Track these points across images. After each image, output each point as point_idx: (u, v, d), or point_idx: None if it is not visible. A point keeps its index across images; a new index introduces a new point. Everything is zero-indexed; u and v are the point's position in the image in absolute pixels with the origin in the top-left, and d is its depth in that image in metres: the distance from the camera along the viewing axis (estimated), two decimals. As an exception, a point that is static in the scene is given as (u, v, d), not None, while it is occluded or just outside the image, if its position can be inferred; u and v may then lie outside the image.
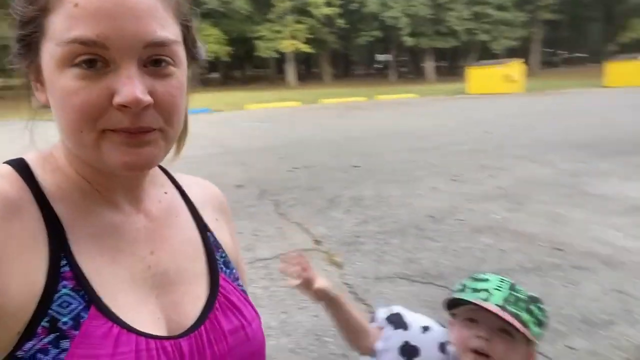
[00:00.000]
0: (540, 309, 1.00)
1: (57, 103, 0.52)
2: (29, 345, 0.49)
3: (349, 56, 54.44)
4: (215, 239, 0.70)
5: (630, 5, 36.27)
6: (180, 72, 0.56)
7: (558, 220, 4.55)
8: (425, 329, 1.13)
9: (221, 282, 0.66)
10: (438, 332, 1.13)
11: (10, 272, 0.48)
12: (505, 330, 0.97)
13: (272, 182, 6.31)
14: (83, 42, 0.49)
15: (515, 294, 0.99)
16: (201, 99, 21.56)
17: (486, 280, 1.02)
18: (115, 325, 0.53)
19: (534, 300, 1.00)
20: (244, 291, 0.70)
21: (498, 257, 3.77)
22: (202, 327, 0.60)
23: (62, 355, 0.49)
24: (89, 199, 0.58)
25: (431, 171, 6.66)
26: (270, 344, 2.98)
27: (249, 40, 33.83)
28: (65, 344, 0.50)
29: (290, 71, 35.61)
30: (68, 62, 0.50)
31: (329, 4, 32.64)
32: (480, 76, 23.14)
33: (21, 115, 0.61)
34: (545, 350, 2.58)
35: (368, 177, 6.45)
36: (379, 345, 1.12)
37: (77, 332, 0.51)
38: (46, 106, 0.56)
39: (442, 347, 1.09)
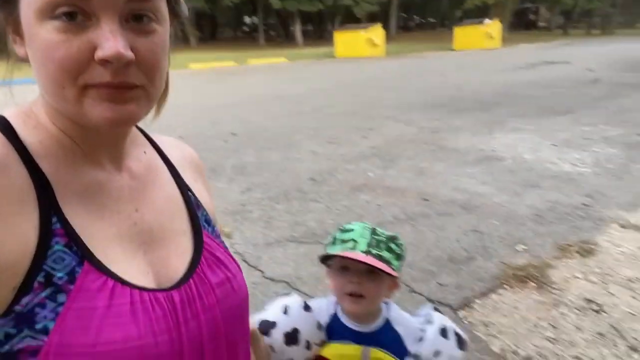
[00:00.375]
0: (397, 245, 1.14)
1: (37, 57, 0.51)
2: (26, 299, 0.49)
3: (215, 18, 52.16)
4: (195, 197, 0.72)
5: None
6: (163, 29, 0.55)
7: (423, 174, 5.05)
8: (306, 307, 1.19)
9: (205, 238, 0.68)
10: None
11: (3, 229, 0.49)
12: (372, 271, 1.10)
13: (147, 155, 5.95)
14: None
15: (377, 237, 1.12)
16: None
17: (351, 230, 1.14)
18: (109, 278, 0.54)
19: (392, 238, 1.14)
20: (226, 247, 0.72)
21: (376, 212, 4.09)
22: (191, 280, 0.62)
23: (59, 309, 0.50)
24: (72, 156, 0.58)
25: (309, 135, 6.85)
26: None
27: None
28: (61, 297, 0.51)
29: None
30: (48, 13, 0.48)
31: (189, -38, 30.65)
32: (346, 40, 23.99)
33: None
34: (420, 289, 2.92)
35: (248, 144, 6.43)
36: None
37: (72, 286, 0.51)
38: (25, 60, 0.55)
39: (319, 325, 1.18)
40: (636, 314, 2.59)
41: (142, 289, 0.57)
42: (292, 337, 1.10)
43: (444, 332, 1.16)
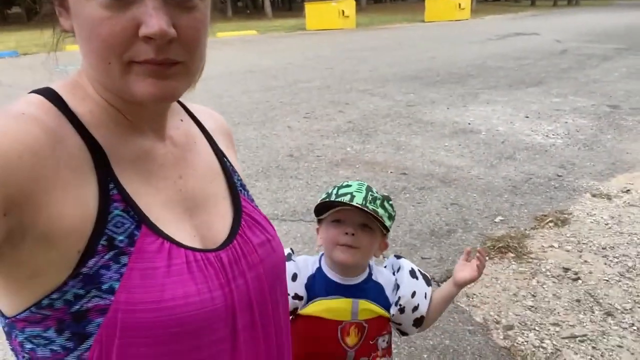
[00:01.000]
0: (391, 205, 1.19)
1: (84, 32, 0.52)
2: (92, 262, 0.52)
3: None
4: (230, 164, 0.75)
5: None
6: (204, 4, 0.55)
7: (401, 148, 5.07)
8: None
9: (242, 202, 0.71)
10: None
11: (64, 196, 0.51)
12: (366, 225, 1.14)
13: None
14: None
15: (372, 194, 1.16)
16: (5, 40, 18.16)
17: (348, 186, 1.18)
18: (165, 240, 0.58)
19: (386, 198, 1.18)
20: (260, 211, 0.76)
21: (356, 187, 4.09)
22: (235, 241, 0.66)
23: (123, 270, 0.54)
24: (119, 125, 0.60)
25: (285, 110, 6.76)
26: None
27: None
28: (124, 259, 0.54)
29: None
30: None
31: None
32: (317, 12, 23.54)
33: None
34: (404, 264, 2.97)
35: (222, 121, 6.29)
36: None
37: (132, 249, 0.55)
38: (70, 33, 0.56)
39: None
40: (610, 280, 2.70)
41: (194, 249, 0.60)
42: None
43: (413, 274, 1.25)
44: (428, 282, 1.28)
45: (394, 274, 1.27)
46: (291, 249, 1.28)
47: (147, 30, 0.49)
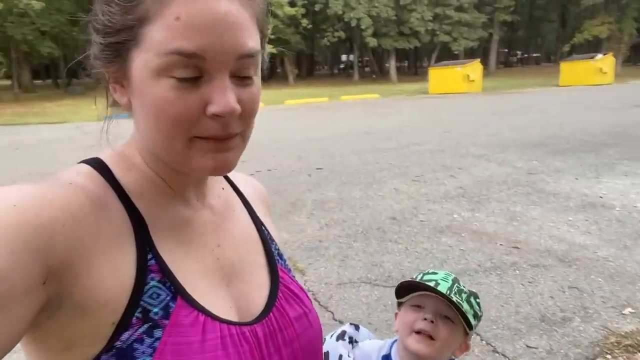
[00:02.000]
0: (477, 303, 1.09)
1: (149, 111, 0.53)
2: (126, 335, 0.51)
3: (313, 56, 54.49)
4: (268, 232, 0.74)
5: (584, 7, 37.86)
6: (258, 78, 0.58)
7: (515, 219, 4.65)
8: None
9: (280, 272, 0.70)
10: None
11: (103, 265, 0.51)
12: (447, 317, 1.06)
13: (234, 186, 6.19)
14: (183, 54, 0.50)
15: (459, 286, 1.08)
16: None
17: (434, 273, 1.11)
18: (200, 313, 0.56)
19: (473, 294, 1.09)
20: (297, 282, 0.74)
21: (459, 258, 3.81)
22: (271, 314, 0.64)
23: (156, 344, 0.52)
24: (163, 194, 0.61)
25: (393, 172, 6.70)
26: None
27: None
28: (158, 332, 0.53)
29: (254, 72, 35.24)
30: (165, 72, 0.51)
31: (292, 4, 32.53)
32: (441, 76, 23.63)
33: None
34: (505, 350, 2.62)
35: (331, 180, 6.43)
36: None
37: (167, 322, 0.54)
38: (126, 108, 0.58)
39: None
40: None
41: (230, 322, 0.59)
42: (325, 359, 1.12)
43: None
44: None
45: None
46: (345, 331, 1.18)
47: (217, 108, 0.51)
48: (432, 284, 1.06)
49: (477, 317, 1.08)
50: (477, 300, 1.10)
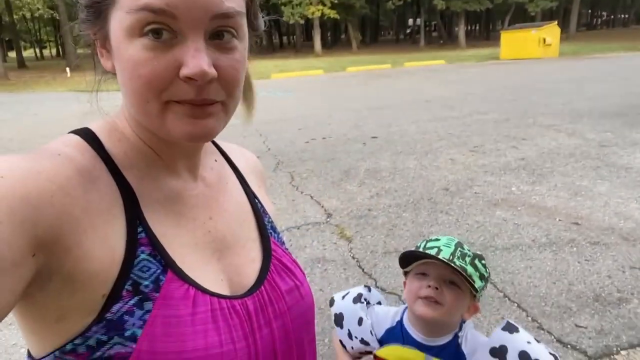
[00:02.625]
0: (483, 265, 1.08)
1: (124, 72, 0.53)
2: (116, 307, 0.52)
3: (378, 22, 52.95)
4: (262, 205, 0.74)
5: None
6: (242, 45, 0.56)
7: (580, 194, 4.38)
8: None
9: (272, 245, 0.70)
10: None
11: (93, 238, 0.51)
12: (452, 281, 1.05)
13: (289, 153, 6.29)
14: (152, 10, 0.49)
15: (462, 250, 1.07)
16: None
17: (437, 240, 1.11)
18: (191, 286, 0.56)
19: (478, 257, 1.08)
20: (290, 254, 0.74)
21: (512, 232, 3.68)
22: (263, 288, 0.64)
23: (146, 316, 0.52)
24: (153, 166, 0.61)
25: (451, 142, 6.49)
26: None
27: (275, 6, 33.26)
28: (148, 305, 0.53)
29: (317, 38, 34.98)
30: (137, 31, 0.50)
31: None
32: (514, 40, 22.19)
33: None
34: (551, 327, 2.53)
35: (386, 149, 6.35)
36: None
37: (157, 294, 0.54)
38: (111, 73, 0.58)
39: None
40: None
41: (220, 296, 0.58)
42: (337, 320, 1.15)
43: (524, 358, 0.96)
44: None
45: (494, 354, 1.00)
46: (362, 293, 1.19)
47: (189, 70, 0.50)
48: (434, 251, 1.06)
49: (483, 278, 1.07)
50: (483, 262, 1.08)
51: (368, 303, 1.18)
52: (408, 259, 1.12)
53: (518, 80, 13.07)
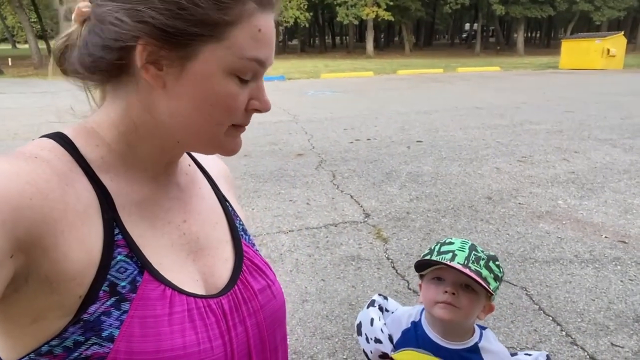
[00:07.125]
0: (497, 265, 1.10)
1: (206, 100, 0.58)
2: (93, 308, 0.53)
3: (434, 25, 52.10)
4: (232, 208, 0.77)
5: None
6: None
7: (631, 212, 4.21)
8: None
9: (244, 247, 0.73)
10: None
11: (71, 240, 0.52)
12: (468, 285, 1.08)
13: (332, 152, 6.37)
14: (260, 63, 0.59)
15: (476, 253, 1.09)
16: (278, 66, 21.88)
17: (451, 243, 1.13)
18: (167, 287, 0.58)
19: (492, 258, 1.10)
20: (261, 255, 0.78)
21: (554, 245, 3.60)
22: (236, 287, 0.66)
23: (124, 317, 0.54)
24: (130, 169, 0.62)
25: (499, 150, 6.36)
26: (305, 308, 3.08)
27: (329, 6, 33.41)
28: (125, 306, 0.54)
29: (370, 40, 34.88)
30: (237, 72, 0.57)
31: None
32: (575, 50, 21.30)
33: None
34: (585, 344, 2.48)
35: (430, 153, 6.31)
36: None
37: (134, 295, 0.55)
38: (154, 86, 0.57)
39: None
40: None
41: (196, 296, 0.61)
42: (358, 329, 1.21)
43: None
44: None
45: None
46: (375, 300, 1.25)
47: (262, 106, 0.62)
48: (449, 255, 1.08)
49: (497, 279, 1.09)
50: (497, 262, 1.10)
51: (386, 310, 1.23)
52: (424, 266, 1.15)
53: (576, 91, 12.56)
